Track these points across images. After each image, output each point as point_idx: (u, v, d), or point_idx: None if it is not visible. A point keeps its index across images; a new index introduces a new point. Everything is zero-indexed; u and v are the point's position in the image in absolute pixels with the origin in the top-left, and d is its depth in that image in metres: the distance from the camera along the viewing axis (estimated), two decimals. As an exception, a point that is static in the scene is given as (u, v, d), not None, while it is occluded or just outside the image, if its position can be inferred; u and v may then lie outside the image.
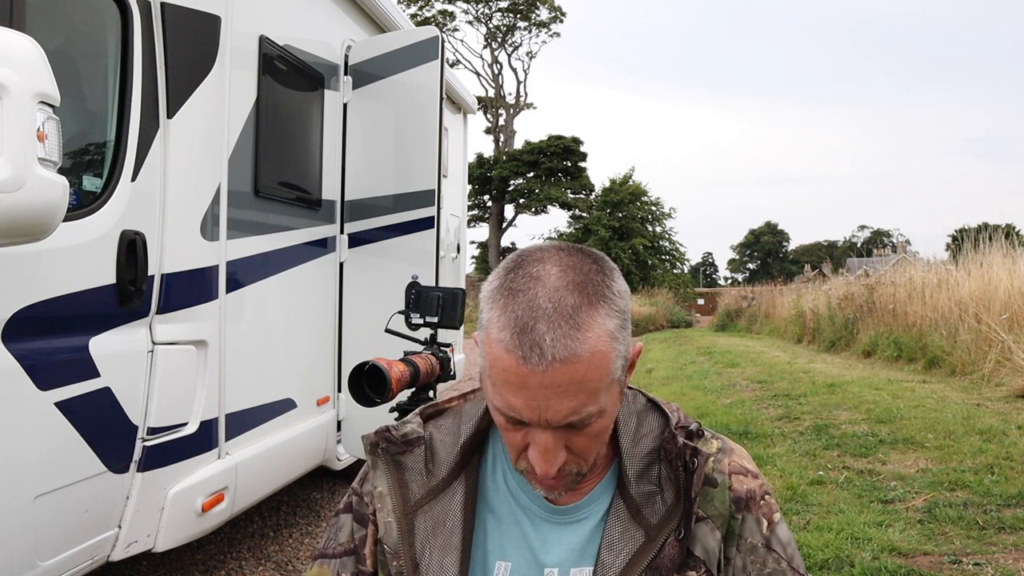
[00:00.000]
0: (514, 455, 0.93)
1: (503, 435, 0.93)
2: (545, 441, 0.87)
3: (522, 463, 0.92)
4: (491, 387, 0.89)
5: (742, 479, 0.99)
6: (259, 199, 3.17)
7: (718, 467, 0.99)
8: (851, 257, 46.02)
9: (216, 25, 2.71)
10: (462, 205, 6.79)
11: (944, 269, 10.65)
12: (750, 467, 1.01)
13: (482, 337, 0.89)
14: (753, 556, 0.96)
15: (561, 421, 0.86)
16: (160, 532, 2.53)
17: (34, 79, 1.62)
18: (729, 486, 0.97)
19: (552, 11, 39.57)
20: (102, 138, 2.40)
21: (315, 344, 3.76)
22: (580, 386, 0.84)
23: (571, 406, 0.85)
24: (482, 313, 0.90)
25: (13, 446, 1.97)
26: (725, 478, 0.98)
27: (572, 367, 0.83)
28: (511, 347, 0.84)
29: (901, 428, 5.64)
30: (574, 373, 0.83)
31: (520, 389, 0.84)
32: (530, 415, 0.86)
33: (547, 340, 0.82)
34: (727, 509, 0.96)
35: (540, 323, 0.83)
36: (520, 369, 0.83)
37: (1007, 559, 3.12)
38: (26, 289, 2.00)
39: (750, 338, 18.80)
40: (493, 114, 41.07)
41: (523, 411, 0.86)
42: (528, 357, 0.83)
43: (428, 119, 3.83)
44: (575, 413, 0.85)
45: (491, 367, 0.87)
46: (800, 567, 0.99)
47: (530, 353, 0.83)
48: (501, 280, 0.90)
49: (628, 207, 37.04)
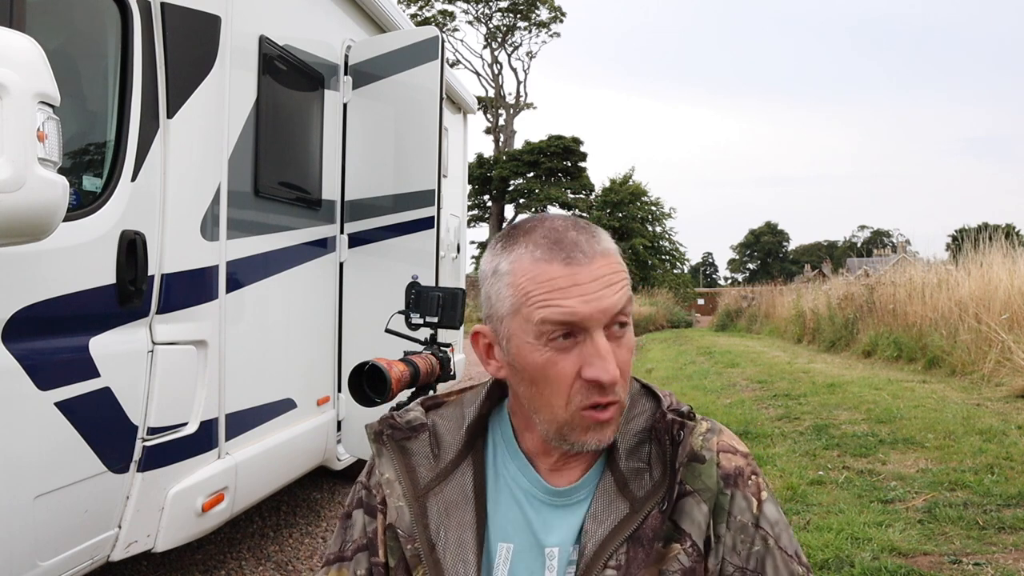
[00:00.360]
0: (564, 395, 0.93)
1: (551, 375, 0.93)
2: (604, 344, 0.91)
3: (576, 398, 0.93)
4: (536, 311, 0.91)
5: (730, 457, 1.01)
6: (259, 199, 3.17)
7: (706, 445, 1.01)
8: (851, 257, 46.02)
9: (216, 25, 2.71)
10: (462, 205, 6.79)
11: (944, 269, 10.65)
12: (739, 447, 1.03)
13: (506, 279, 0.94)
14: (743, 535, 0.97)
15: (614, 310, 0.91)
16: (160, 532, 2.53)
17: (34, 79, 1.62)
18: (717, 463, 0.99)
19: (552, 11, 39.59)
20: (102, 138, 2.40)
21: (315, 344, 3.76)
22: (619, 279, 0.93)
23: (618, 297, 0.92)
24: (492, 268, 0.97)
25: (13, 446, 1.97)
26: (713, 455, 1.00)
27: (609, 260, 0.93)
28: (551, 256, 0.92)
29: (901, 428, 5.64)
30: (612, 266, 0.93)
31: (572, 288, 0.90)
32: (588, 310, 0.90)
33: (582, 240, 0.93)
34: (715, 484, 0.98)
35: (569, 232, 0.93)
36: (568, 269, 0.91)
37: (1007, 559, 3.12)
38: (26, 289, 2.00)
39: (750, 338, 18.80)
40: (493, 114, 41.08)
41: (580, 308, 0.90)
42: (572, 256, 0.91)
43: (428, 119, 3.83)
44: (621, 307, 0.92)
45: (530, 292, 0.92)
46: (788, 546, 0.99)
47: (573, 251, 0.92)
48: (504, 240, 0.98)
49: (628, 207, 37.04)
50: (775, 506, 1.01)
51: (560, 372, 0.92)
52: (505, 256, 0.95)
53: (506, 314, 0.95)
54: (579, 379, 0.92)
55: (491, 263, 0.98)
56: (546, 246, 0.92)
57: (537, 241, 0.93)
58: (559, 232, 0.93)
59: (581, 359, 0.91)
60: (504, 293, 0.94)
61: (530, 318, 0.92)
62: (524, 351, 0.94)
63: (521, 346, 0.94)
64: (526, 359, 0.94)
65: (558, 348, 0.92)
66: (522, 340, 0.94)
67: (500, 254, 0.96)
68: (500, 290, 0.95)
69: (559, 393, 0.93)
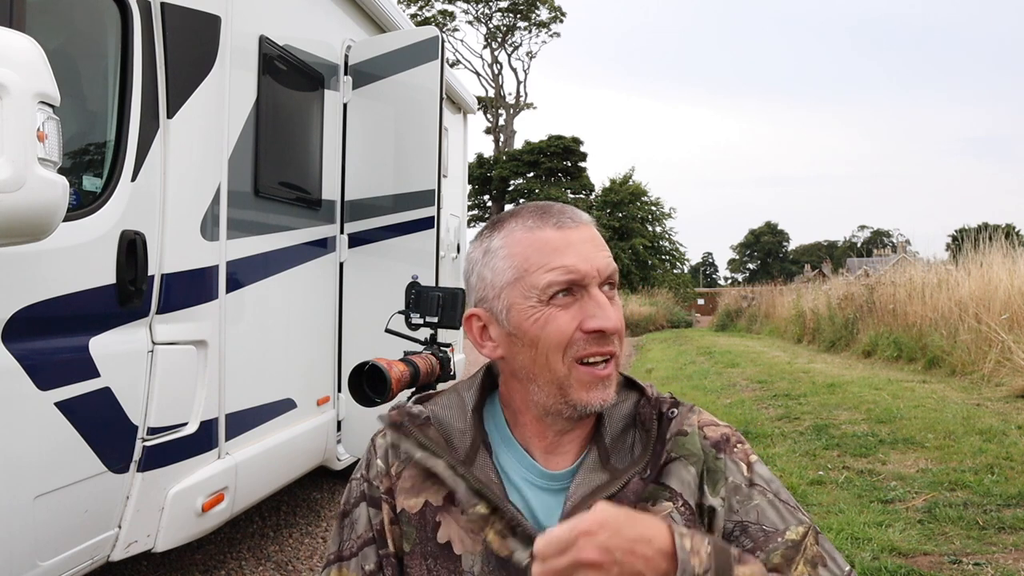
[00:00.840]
0: (563, 349, 0.98)
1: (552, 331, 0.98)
2: (602, 297, 0.99)
3: (576, 346, 0.98)
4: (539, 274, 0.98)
5: (714, 428, 1.07)
6: (259, 199, 3.17)
7: (688, 421, 1.06)
8: (851, 257, 46.00)
9: (216, 25, 2.71)
10: (462, 205, 6.79)
11: (944, 269, 10.66)
12: (720, 422, 1.09)
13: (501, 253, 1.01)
14: (738, 495, 1.01)
15: (608, 268, 0.99)
16: (160, 532, 2.53)
17: (34, 79, 1.62)
18: (703, 435, 1.05)
19: (552, 11, 39.59)
20: (102, 138, 2.40)
21: (315, 344, 3.76)
22: (604, 243, 1.02)
23: (607, 256, 1.01)
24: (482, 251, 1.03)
25: (13, 446, 1.97)
26: (695, 428, 1.05)
27: (591, 228, 1.02)
28: (543, 223, 1.00)
29: (901, 428, 5.64)
30: (592, 231, 1.02)
31: (567, 247, 0.98)
32: (585, 266, 0.98)
33: (567, 210, 1.02)
34: (699, 450, 1.03)
35: (554, 206, 1.03)
36: (560, 233, 0.99)
37: (1007, 559, 3.12)
38: (26, 289, 2.00)
39: (750, 338, 18.80)
40: (493, 114, 41.08)
41: (578, 264, 0.97)
42: (562, 221, 1.00)
43: (428, 119, 3.83)
44: (611, 264, 1.00)
45: (529, 257, 0.99)
46: (787, 498, 1.02)
47: (562, 218, 1.01)
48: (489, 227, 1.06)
49: (628, 207, 37.01)
50: (764, 466, 1.05)
51: (561, 326, 0.98)
52: (495, 235, 1.03)
53: (505, 285, 1.00)
54: (579, 331, 0.97)
55: (479, 248, 1.04)
56: (535, 216, 1.01)
57: (525, 215, 1.02)
58: (543, 206, 1.03)
59: (581, 313, 0.98)
60: (501, 266, 1.00)
61: (532, 282, 0.98)
62: (525, 315, 0.99)
63: (522, 311, 0.99)
64: (527, 322, 0.99)
65: (559, 305, 0.98)
66: (523, 306, 0.99)
67: (488, 237, 1.04)
68: (496, 264, 1.01)
69: (559, 347, 0.98)
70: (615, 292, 1.03)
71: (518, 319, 0.99)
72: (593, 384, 0.99)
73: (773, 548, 0.96)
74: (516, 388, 1.05)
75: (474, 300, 1.06)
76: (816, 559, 0.96)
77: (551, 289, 0.97)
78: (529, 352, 1.00)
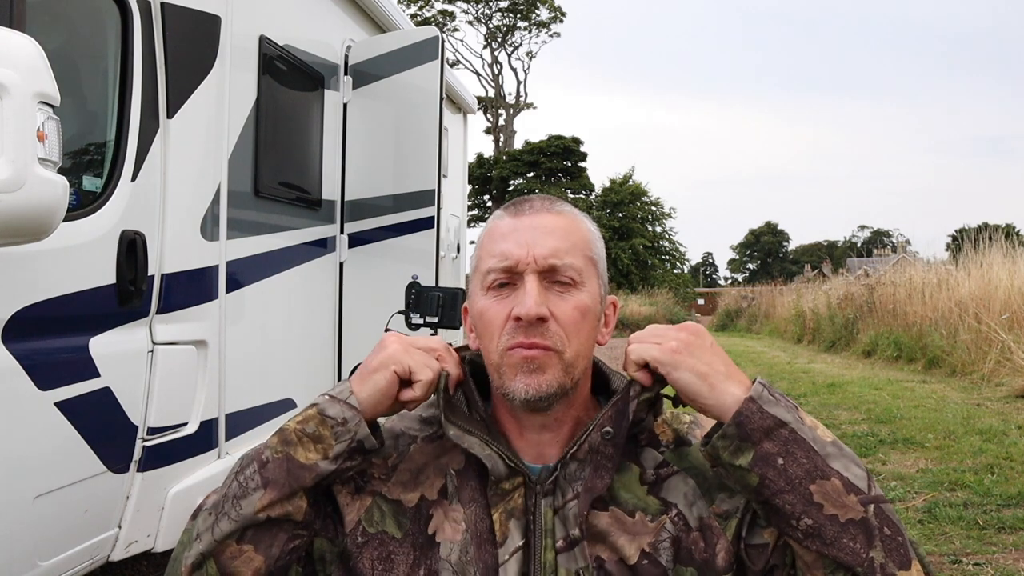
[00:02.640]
0: (496, 337, 0.99)
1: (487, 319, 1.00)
2: (531, 285, 0.97)
3: (503, 337, 0.98)
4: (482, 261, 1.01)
5: None
6: (259, 199, 3.17)
7: (691, 433, 1.07)
8: (851, 257, 45.98)
9: (216, 25, 2.71)
10: (462, 205, 6.79)
11: (944, 269, 10.67)
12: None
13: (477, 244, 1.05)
14: None
15: (546, 257, 0.97)
16: (160, 532, 2.53)
17: (34, 79, 1.62)
18: None
19: (552, 11, 39.56)
20: (102, 138, 2.40)
21: (315, 344, 3.76)
22: (563, 232, 1.00)
23: (554, 244, 0.98)
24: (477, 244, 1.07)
25: (13, 446, 1.97)
26: (697, 439, 1.05)
27: (555, 216, 1.01)
28: (505, 213, 1.03)
29: (901, 428, 5.64)
30: (557, 221, 1.01)
31: (511, 233, 0.99)
32: (519, 252, 0.97)
33: (536, 200, 1.04)
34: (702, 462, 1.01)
35: (535, 197, 1.05)
36: (513, 220, 1.01)
37: (1007, 559, 3.12)
38: (26, 289, 2.00)
39: (750, 338, 18.81)
40: (493, 114, 41.08)
41: (513, 250, 0.97)
42: (519, 209, 1.02)
43: (428, 119, 3.83)
44: (557, 256, 0.98)
45: (481, 247, 1.03)
46: None
47: (521, 205, 1.03)
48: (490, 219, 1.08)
49: (628, 207, 37.00)
50: None
51: (494, 315, 0.99)
52: (487, 224, 1.07)
53: (471, 274, 1.05)
54: (510, 321, 0.98)
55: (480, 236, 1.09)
56: (511, 205, 1.04)
57: (505, 205, 1.06)
58: (527, 196, 1.05)
59: (513, 302, 0.98)
60: (473, 256, 1.06)
61: (481, 269, 1.01)
62: (474, 303, 1.02)
63: (473, 299, 1.03)
64: (475, 310, 1.02)
65: (496, 295, 0.99)
66: (475, 294, 1.03)
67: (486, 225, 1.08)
68: (476, 252, 1.06)
69: (493, 336, 0.99)
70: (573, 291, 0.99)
71: (471, 307, 1.03)
72: (519, 368, 0.97)
73: None
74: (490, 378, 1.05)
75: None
76: None
77: (489, 277, 0.99)
78: (480, 340, 1.03)
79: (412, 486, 1.04)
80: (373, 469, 1.06)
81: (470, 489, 1.02)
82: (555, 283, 0.98)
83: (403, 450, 1.06)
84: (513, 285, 0.98)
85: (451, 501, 1.02)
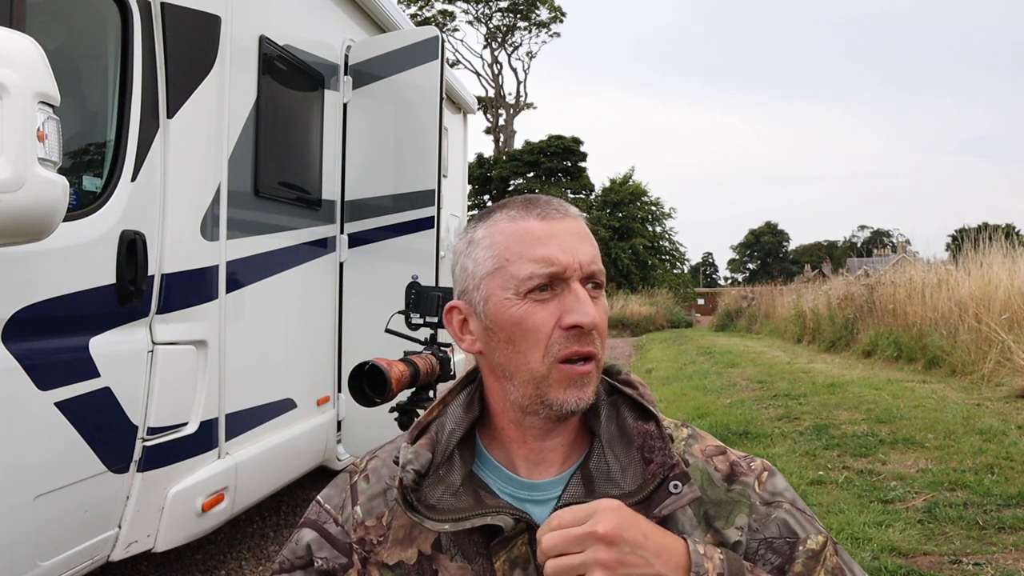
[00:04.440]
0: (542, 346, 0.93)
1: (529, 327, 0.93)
2: (583, 291, 0.94)
3: (555, 347, 0.93)
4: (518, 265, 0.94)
5: (722, 458, 1.02)
6: (259, 199, 3.17)
7: (690, 451, 1.01)
8: (851, 257, 45.97)
9: (216, 25, 2.71)
10: (462, 205, 6.79)
11: (944, 269, 10.65)
12: (719, 443, 1.05)
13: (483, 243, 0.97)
14: (756, 515, 0.97)
15: (589, 264, 0.95)
16: (160, 532, 2.53)
17: (34, 79, 1.62)
18: (714, 467, 1.00)
19: (552, 11, 39.57)
20: (102, 138, 2.40)
21: (315, 344, 3.76)
22: (591, 239, 0.98)
23: (592, 251, 0.96)
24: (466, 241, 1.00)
25: (13, 446, 1.97)
26: (699, 459, 1.00)
27: (579, 221, 0.98)
28: (527, 213, 0.96)
29: (901, 428, 5.64)
30: (583, 227, 0.98)
31: (550, 239, 0.94)
32: (566, 259, 0.93)
33: (554, 202, 0.98)
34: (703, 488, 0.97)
35: (541, 197, 0.98)
36: (543, 223, 0.95)
37: (1007, 559, 3.12)
38: (26, 289, 2.00)
39: (750, 338, 18.80)
40: (493, 114, 41.07)
41: (559, 256, 0.93)
42: (547, 212, 0.96)
43: (428, 119, 3.83)
44: (595, 262, 0.96)
45: (510, 246, 0.95)
46: (804, 507, 0.99)
47: (547, 208, 0.97)
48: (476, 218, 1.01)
49: (628, 207, 36.99)
50: (780, 477, 1.02)
51: (539, 322, 0.93)
52: (480, 226, 0.99)
53: (484, 275, 0.96)
54: (557, 329, 0.93)
55: (464, 238, 1.01)
56: (520, 206, 0.97)
57: (510, 206, 0.98)
58: (530, 197, 0.99)
59: (560, 308, 0.93)
60: (482, 256, 0.96)
61: (512, 272, 0.94)
62: (501, 308, 0.94)
63: (499, 304, 0.95)
64: (503, 316, 0.94)
65: (536, 300, 0.93)
66: (500, 298, 0.95)
67: (474, 228, 1.00)
68: (477, 255, 0.97)
69: (537, 345, 0.93)
70: (601, 293, 0.97)
71: (494, 311, 0.95)
72: (571, 382, 0.94)
73: (795, 557, 0.94)
74: (494, 386, 1.00)
75: (457, 292, 1.02)
76: (836, 570, 0.94)
77: (531, 282, 0.93)
78: (506, 348, 0.95)
79: (408, 543, 0.99)
80: (371, 534, 1.01)
81: (466, 542, 0.97)
82: (591, 289, 0.96)
83: (393, 505, 1.01)
84: (553, 291, 0.93)
85: (446, 552, 0.97)
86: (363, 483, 1.04)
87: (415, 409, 2.60)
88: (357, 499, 1.03)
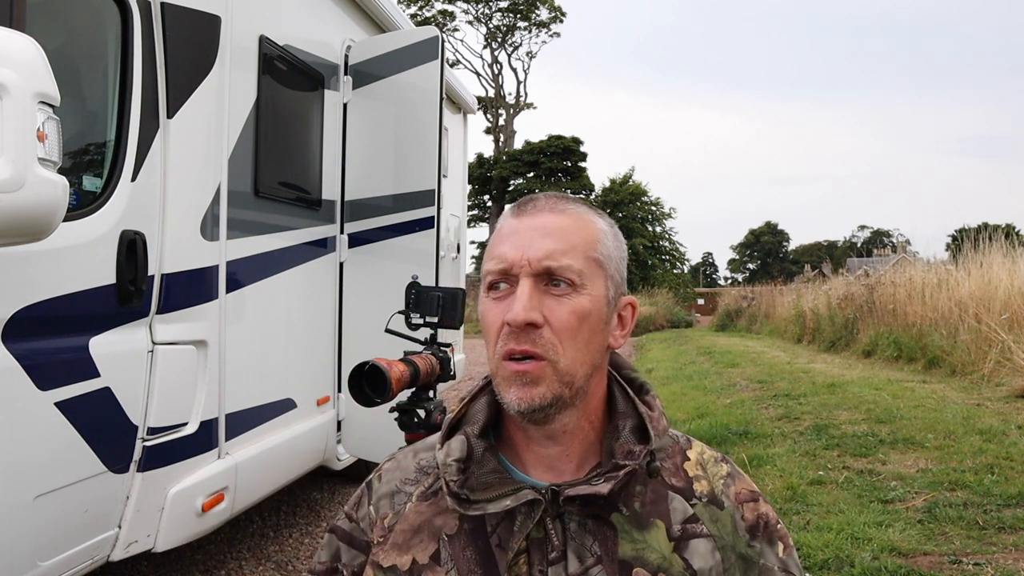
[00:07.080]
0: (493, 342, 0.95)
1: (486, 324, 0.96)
2: (523, 289, 0.92)
3: (499, 344, 0.94)
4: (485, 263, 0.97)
5: (752, 507, 1.00)
6: (259, 199, 3.17)
7: (726, 492, 1.00)
8: (851, 257, 45.95)
9: (216, 25, 2.71)
10: (462, 205, 6.79)
11: (944, 269, 10.66)
12: (756, 489, 1.03)
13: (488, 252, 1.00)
14: None
15: (540, 259, 0.92)
16: (160, 532, 2.53)
17: (34, 79, 1.62)
18: (741, 515, 0.99)
19: (552, 11, 39.55)
20: (102, 138, 2.40)
21: (315, 344, 3.76)
22: (563, 233, 0.94)
23: (551, 246, 0.93)
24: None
25: (13, 446, 1.97)
26: (731, 504, 0.99)
27: (559, 216, 0.96)
28: (515, 211, 0.99)
29: (901, 428, 5.64)
30: (559, 222, 0.96)
31: (511, 235, 0.95)
32: (514, 255, 0.93)
33: (541, 199, 0.99)
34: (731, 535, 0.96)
35: (539, 198, 0.99)
36: (516, 220, 0.97)
37: (1007, 559, 3.12)
38: (26, 289, 2.00)
39: (750, 338, 18.80)
40: (493, 114, 41.06)
41: (508, 252, 0.94)
42: (523, 209, 0.98)
43: (428, 119, 3.83)
44: (552, 257, 0.92)
45: (488, 247, 0.98)
46: None
47: (525, 206, 0.98)
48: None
49: (628, 207, 37.02)
50: (795, 553, 1.02)
51: (491, 320, 0.95)
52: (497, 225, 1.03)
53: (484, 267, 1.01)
54: (506, 326, 0.93)
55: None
56: (517, 204, 1.00)
57: (511, 207, 1.01)
58: (535, 196, 1.00)
59: (509, 307, 0.93)
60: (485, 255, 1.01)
61: (483, 271, 0.98)
62: (479, 306, 0.98)
63: (479, 302, 0.99)
64: (479, 312, 0.98)
65: (494, 297, 0.95)
66: (480, 296, 0.99)
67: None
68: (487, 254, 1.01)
69: (491, 342, 0.96)
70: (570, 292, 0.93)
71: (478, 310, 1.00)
72: (511, 380, 0.92)
73: None
74: None
75: None
76: None
77: (487, 279, 0.96)
78: (486, 345, 0.99)
79: (405, 548, 1.00)
80: (373, 533, 1.03)
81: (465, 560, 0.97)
82: (552, 286, 0.93)
83: (399, 509, 1.02)
84: (509, 286, 0.94)
85: (443, 566, 0.97)
86: (376, 482, 1.07)
87: (415, 409, 2.60)
88: (371, 498, 1.06)
